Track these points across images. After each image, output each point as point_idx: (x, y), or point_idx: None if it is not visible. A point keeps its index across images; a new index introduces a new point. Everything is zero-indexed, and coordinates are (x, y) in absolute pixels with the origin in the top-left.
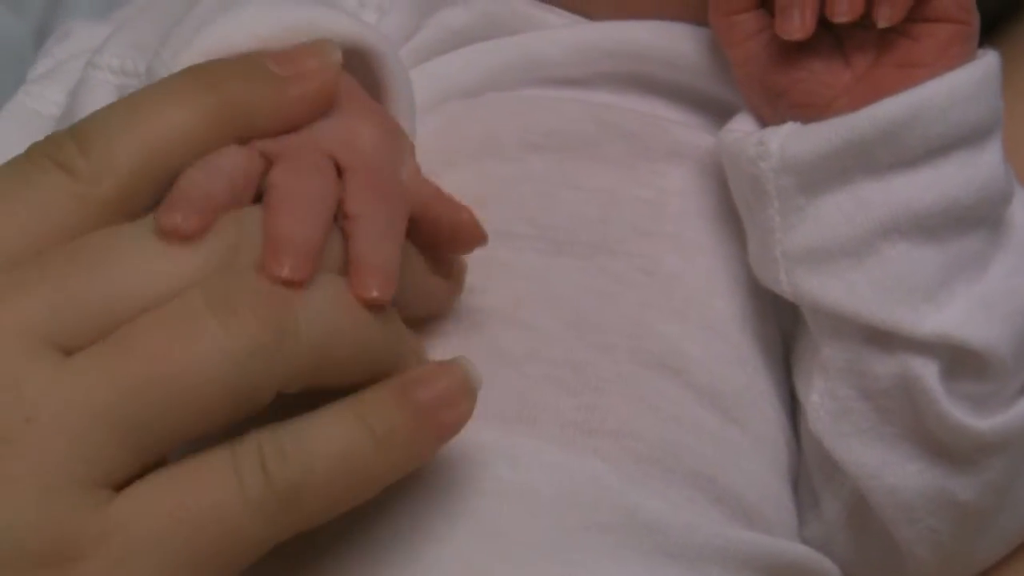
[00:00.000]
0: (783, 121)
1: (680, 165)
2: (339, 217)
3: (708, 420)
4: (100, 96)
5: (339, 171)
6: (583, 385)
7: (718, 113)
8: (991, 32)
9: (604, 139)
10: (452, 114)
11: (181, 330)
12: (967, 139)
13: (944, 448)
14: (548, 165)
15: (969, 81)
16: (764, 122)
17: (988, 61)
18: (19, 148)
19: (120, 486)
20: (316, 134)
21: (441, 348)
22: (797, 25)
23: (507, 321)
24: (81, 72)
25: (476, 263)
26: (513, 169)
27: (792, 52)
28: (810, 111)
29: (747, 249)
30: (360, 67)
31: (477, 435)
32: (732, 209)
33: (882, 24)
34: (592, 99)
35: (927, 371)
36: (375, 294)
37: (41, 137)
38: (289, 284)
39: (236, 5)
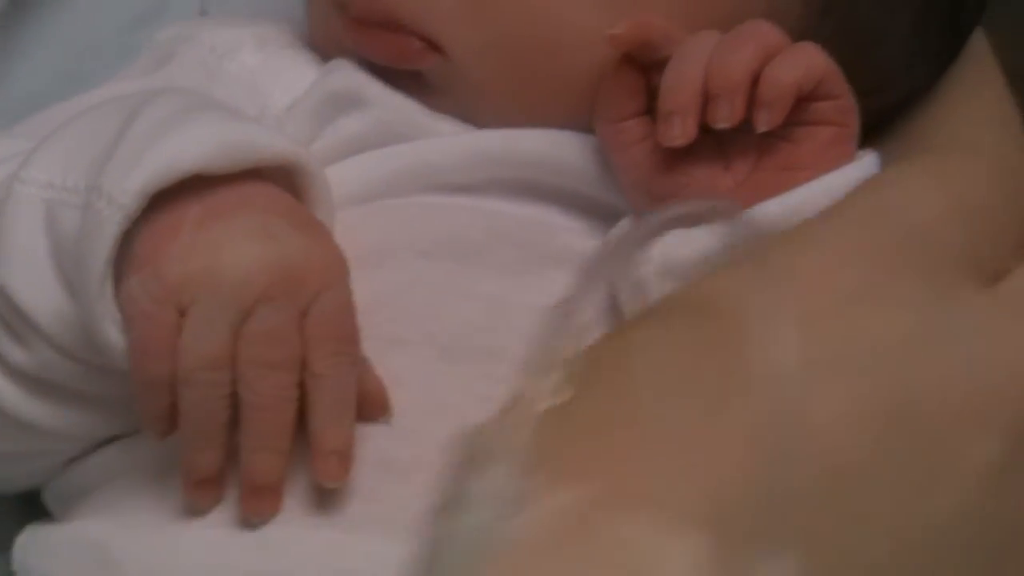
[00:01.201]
0: None
1: (568, 271)
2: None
3: None
4: (27, 211)
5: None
6: None
7: (605, 218)
8: (878, 131)
9: (494, 246)
10: (346, 221)
11: None
12: None
13: None
14: (439, 272)
15: (847, 182)
16: None
17: (867, 162)
18: None
19: None
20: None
21: None
22: (678, 132)
23: (394, 429)
24: (6, 187)
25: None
26: (404, 276)
27: (675, 158)
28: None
29: None
30: (283, 180)
31: (364, 545)
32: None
33: (761, 129)
34: (483, 206)
35: None
36: (332, 486)
37: None
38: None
39: (176, 125)
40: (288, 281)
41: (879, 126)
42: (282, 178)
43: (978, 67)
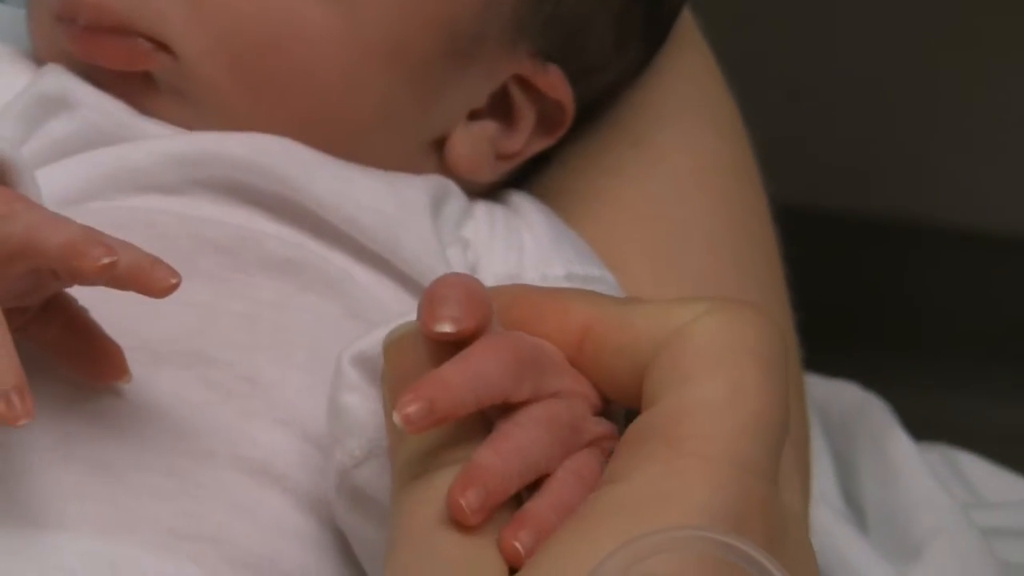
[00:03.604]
0: None
1: (272, 278)
2: None
3: (307, 527)
4: None
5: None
6: (182, 492)
7: (313, 226)
8: (591, 118)
9: (199, 254)
10: None
11: None
12: None
13: None
14: None
15: None
16: None
17: None
18: None
19: None
20: None
21: (41, 462)
22: None
23: (108, 431)
24: None
25: None
26: None
27: None
28: None
29: None
30: None
31: (77, 544)
32: (326, 324)
33: None
34: (189, 211)
35: None
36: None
37: None
38: None
39: None
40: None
41: (592, 112)
42: None
43: (686, 51)
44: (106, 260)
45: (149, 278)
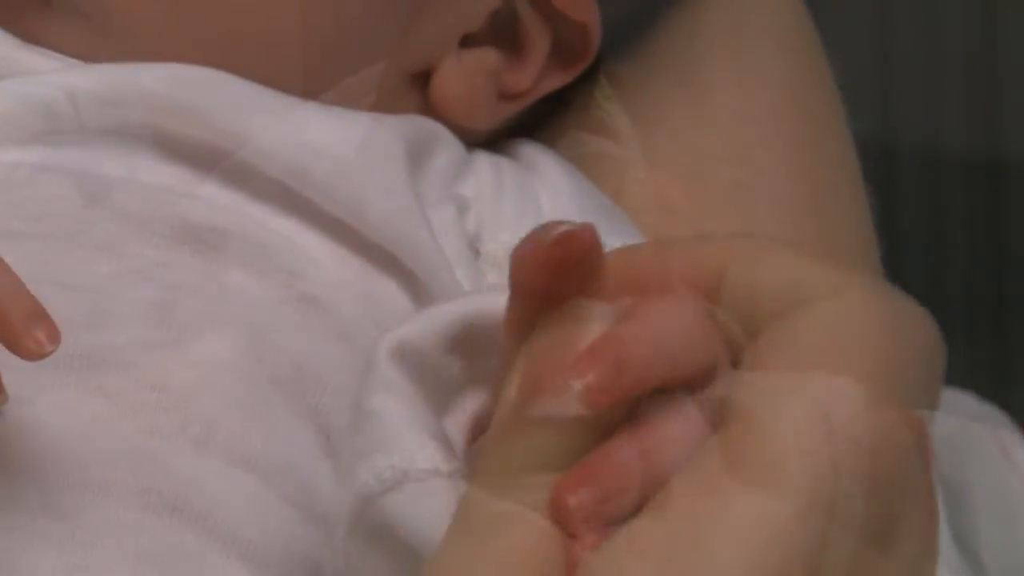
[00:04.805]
0: None
1: (193, 253)
2: None
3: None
4: None
5: None
6: (68, 538)
7: (238, 177)
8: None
9: (95, 222)
10: None
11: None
12: None
13: None
14: (28, 258)
15: None
16: None
17: None
18: None
19: None
20: None
21: None
22: None
23: None
24: None
25: None
26: None
27: None
28: None
29: None
30: None
31: None
32: (264, 312)
33: None
34: (87, 165)
35: None
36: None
37: None
38: None
39: None
40: None
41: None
42: None
43: None
44: None
45: (17, 342)
